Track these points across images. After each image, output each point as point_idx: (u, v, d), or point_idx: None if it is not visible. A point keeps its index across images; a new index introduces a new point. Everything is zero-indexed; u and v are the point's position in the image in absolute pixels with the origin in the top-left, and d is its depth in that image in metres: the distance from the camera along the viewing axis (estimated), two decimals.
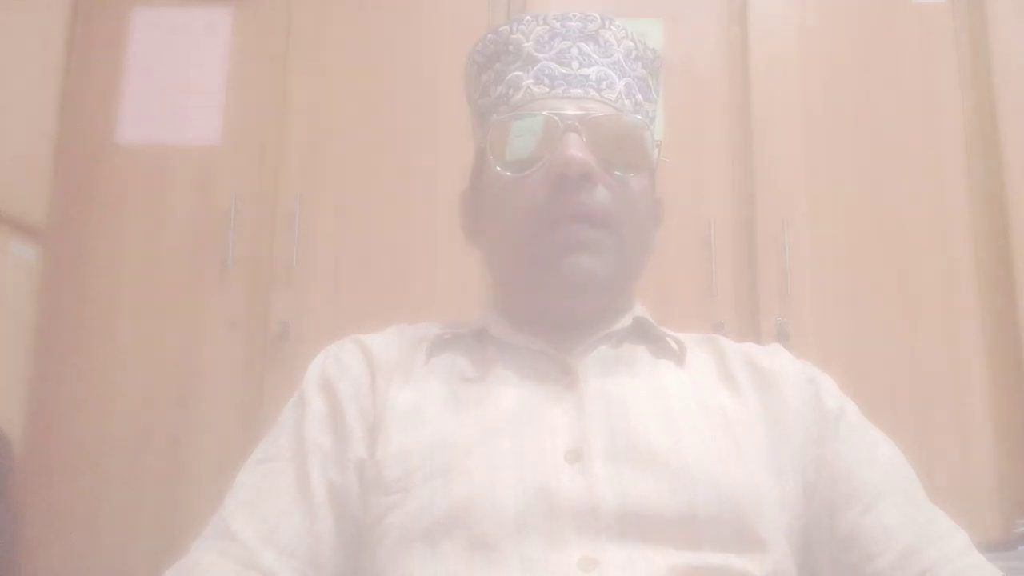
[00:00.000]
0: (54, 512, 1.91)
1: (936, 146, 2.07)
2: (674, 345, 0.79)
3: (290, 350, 1.96)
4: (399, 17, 2.18)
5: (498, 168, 0.76)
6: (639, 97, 0.80)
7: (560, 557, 0.62)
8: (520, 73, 0.78)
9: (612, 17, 0.81)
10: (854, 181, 2.07)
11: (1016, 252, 1.97)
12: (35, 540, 1.88)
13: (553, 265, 0.73)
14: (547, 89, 0.76)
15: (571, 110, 0.74)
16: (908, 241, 2.03)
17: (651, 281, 0.85)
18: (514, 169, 0.75)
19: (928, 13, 2.13)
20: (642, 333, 0.80)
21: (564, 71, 0.77)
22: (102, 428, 1.96)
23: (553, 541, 0.63)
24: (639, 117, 0.79)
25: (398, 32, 2.17)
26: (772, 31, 2.14)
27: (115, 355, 2.00)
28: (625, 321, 0.80)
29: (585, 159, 0.72)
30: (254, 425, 1.89)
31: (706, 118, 2.12)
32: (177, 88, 2.15)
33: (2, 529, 1.78)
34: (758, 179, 2.07)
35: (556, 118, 0.74)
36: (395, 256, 2.05)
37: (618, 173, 0.75)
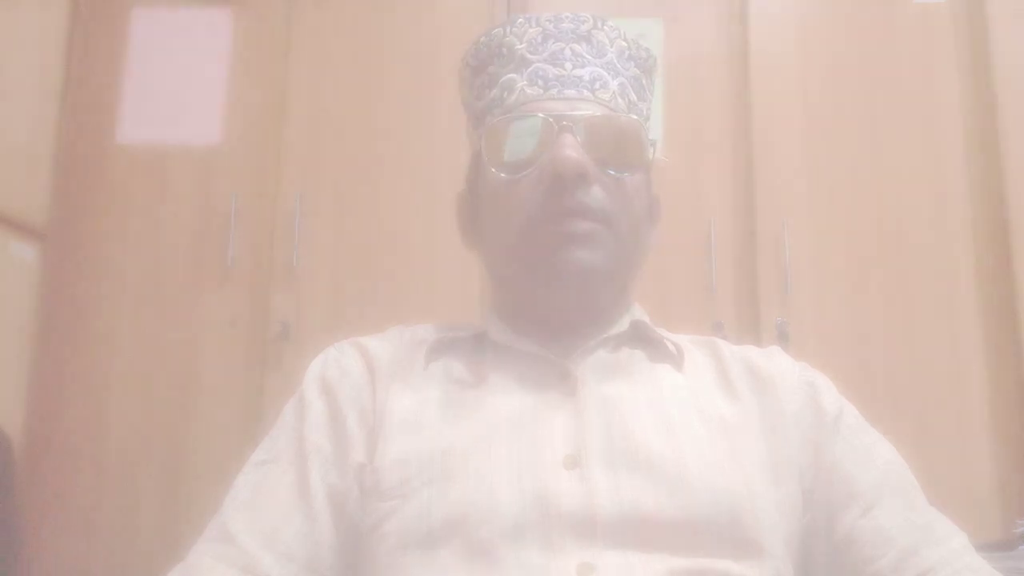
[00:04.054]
0: (54, 512, 1.91)
1: (936, 146, 2.07)
2: (672, 349, 0.79)
3: (290, 350, 1.96)
4: (399, 17, 2.18)
5: (493, 170, 0.76)
6: (633, 96, 0.81)
7: (558, 563, 0.62)
8: (514, 75, 0.78)
9: (604, 17, 0.81)
10: (854, 181, 2.06)
11: (1016, 252, 1.96)
12: (35, 540, 1.88)
13: (551, 258, 0.73)
14: (541, 91, 0.76)
15: (565, 111, 0.75)
16: (908, 241, 2.03)
17: (651, 281, 0.85)
18: (510, 171, 0.75)
19: (928, 13, 2.13)
20: (640, 337, 0.80)
21: (557, 72, 0.77)
22: (102, 428, 1.96)
23: (551, 547, 0.63)
24: (633, 117, 0.79)
25: (398, 32, 2.17)
26: (772, 31, 2.14)
27: (115, 355, 2.00)
28: (623, 324, 0.79)
29: (580, 159, 0.72)
30: (254, 425, 1.89)
31: (706, 118, 2.12)
32: (177, 88, 2.15)
33: (2, 528, 1.78)
34: (758, 179, 2.07)
35: (551, 119, 0.74)
36: (395, 256, 2.05)
37: (613, 172, 0.75)
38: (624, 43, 0.81)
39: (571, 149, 0.72)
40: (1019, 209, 1.98)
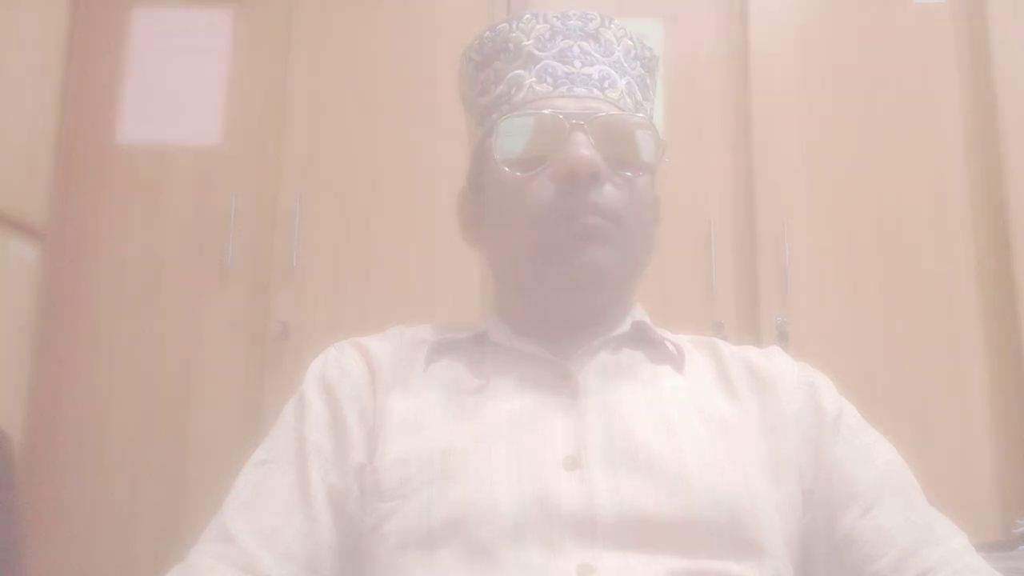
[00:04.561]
0: (54, 512, 1.91)
1: (936, 146, 2.07)
2: (673, 350, 0.79)
3: (290, 350, 1.96)
4: (399, 17, 2.18)
5: (504, 168, 0.76)
6: (639, 96, 0.80)
7: (558, 564, 0.62)
8: (522, 72, 0.77)
9: (611, 16, 0.81)
10: (854, 181, 2.07)
11: (1016, 252, 1.97)
12: (35, 540, 1.88)
13: (564, 257, 0.73)
14: (550, 88, 0.76)
15: (576, 109, 0.74)
16: (908, 241, 2.03)
17: (651, 281, 0.85)
18: (519, 168, 0.75)
19: (928, 13, 2.13)
20: (641, 338, 0.80)
21: (567, 70, 0.77)
22: (102, 428, 1.96)
23: (551, 548, 0.63)
24: (642, 116, 0.79)
25: (398, 32, 2.17)
26: (772, 31, 2.14)
27: (115, 355, 2.00)
28: (624, 326, 0.79)
29: (594, 158, 0.72)
30: (254, 425, 1.89)
31: (706, 118, 2.12)
32: (177, 88, 2.15)
33: (2, 528, 1.78)
34: (758, 179, 2.07)
35: (561, 117, 0.73)
36: (395, 256, 2.05)
37: (628, 173, 0.75)
38: (630, 42, 0.81)
39: (584, 147, 0.72)
40: (1019, 209, 1.98)
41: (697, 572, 0.63)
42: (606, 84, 0.77)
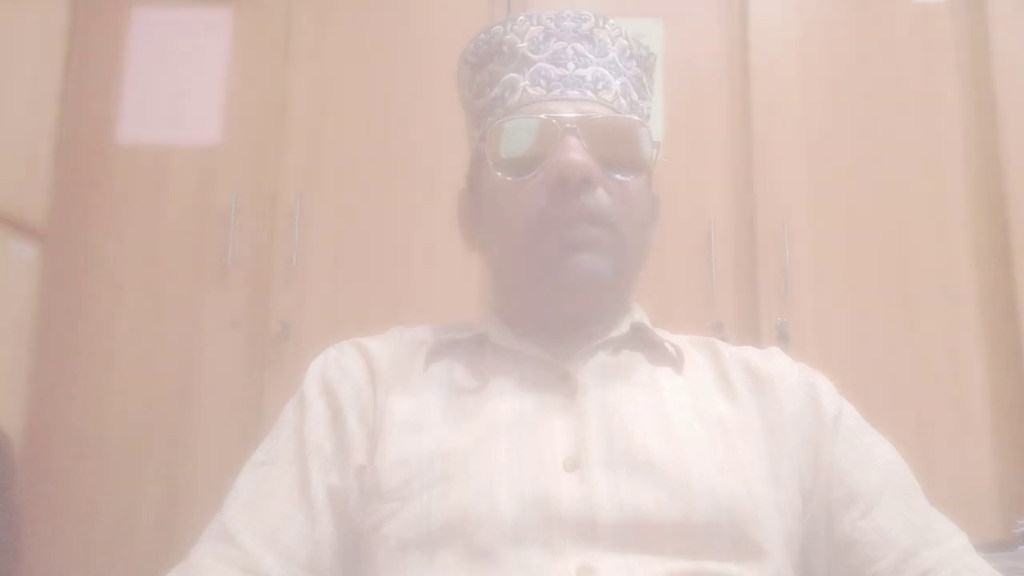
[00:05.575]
0: (54, 512, 1.91)
1: (936, 146, 2.07)
2: (672, 351, 0.79)
3: (290, 350, 1.96)
4: (399, 17, 2.18)
5: (497, 172, 0.76)
6: (634, 96, 0.80)
7: (558, 565, 0.62)
8: (515, 75, 0.77)
9: (606, 16, 0.81)
10: (854, 181, 2.06)
11: (1016, 252, 1.96)
12: (35, 540, 1.88)
13: (556, 264, 0.73)
14: (543, 91, 0.76)
15: (568, 112, 0.74)
16: (908, 241, 2.03)
17: (651, 281, 0.85)
18: (512, 172, 0.75)
19: (928, 13, 2.13)
20: (640, 339, 0.80)
21: (560, 72, 0.77)
22: (102, 428, 1.96)
23: (551, 549, 0.63)
24: (635, 117, 0.78)
25: (398, 32, 2.17)
26: (772, 31, 2.14)
27: (115, 355, 2.00)
28: (623, 327, 0.79)
29: (585, 162, 0.72)
30: (254, 425, 1.89)
31: (706, 118, 2.11)
32: (177, 88, 2.15)
33: (2, 528, 1.78)
34: (758, 179, 2.07)
35: (554, 121, 0.73)
36: (395, 256, 2.05)
37: (617, 175, 0.75)
38: (625, 41, 0.81)
39: (575, 152, 0.72)
40: (1019, 209, 1.98)
41: (697, 573, 0.63)
42: (600, 86, 0.77)
